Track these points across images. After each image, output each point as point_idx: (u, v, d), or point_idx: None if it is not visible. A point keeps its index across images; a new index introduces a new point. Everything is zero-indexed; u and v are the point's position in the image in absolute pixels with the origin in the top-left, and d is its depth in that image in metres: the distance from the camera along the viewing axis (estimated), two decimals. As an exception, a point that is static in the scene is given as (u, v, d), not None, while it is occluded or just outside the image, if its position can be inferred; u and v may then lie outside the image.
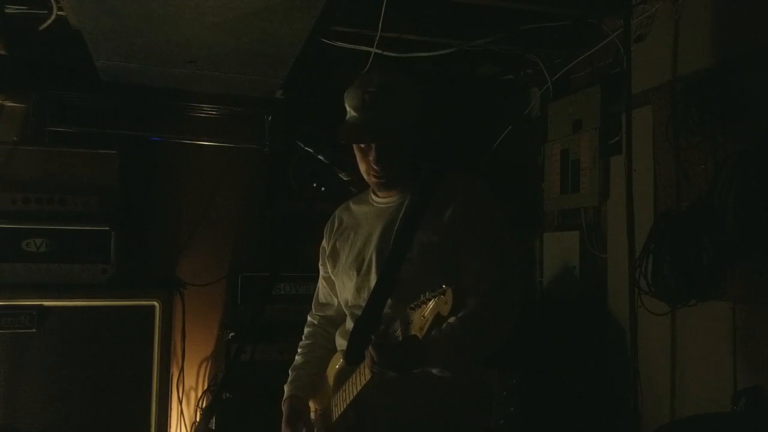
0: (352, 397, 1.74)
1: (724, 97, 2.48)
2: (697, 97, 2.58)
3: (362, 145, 1.82)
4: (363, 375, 1.69)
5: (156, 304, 3.15)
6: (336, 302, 2.06)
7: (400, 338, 1.57)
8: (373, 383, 1.67)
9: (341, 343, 1.93)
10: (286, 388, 2.01)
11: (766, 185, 2.29)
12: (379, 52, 3.20)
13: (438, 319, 1.47)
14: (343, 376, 1.84)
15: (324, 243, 2.06)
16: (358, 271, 1.88)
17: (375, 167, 1.81)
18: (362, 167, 1.87)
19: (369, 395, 1.73)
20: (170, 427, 3.38)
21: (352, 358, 1.79)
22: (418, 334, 1.51)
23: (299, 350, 2.09)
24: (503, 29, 3.24)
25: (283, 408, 1.97)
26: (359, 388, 1.71)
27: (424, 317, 1.49)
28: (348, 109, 1.83)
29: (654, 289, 2.62)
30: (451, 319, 1.60)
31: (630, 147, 2.94)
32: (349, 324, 1.91)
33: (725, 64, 2.51)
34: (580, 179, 3.33)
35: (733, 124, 2.47)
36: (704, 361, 2.61)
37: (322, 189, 1.76)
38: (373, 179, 1.87)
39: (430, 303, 1.48)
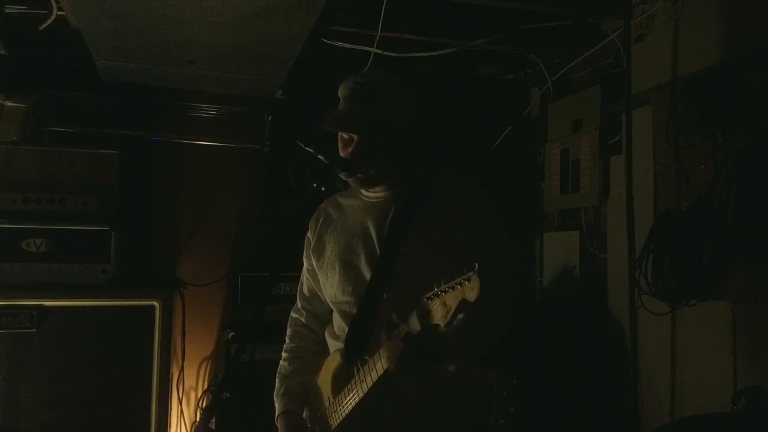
0: (360, 397, 1.72)
1: (724, 97, 2.48)
2: (697, 97, 2.58)
3: (345, 136, 1.81)
4: (372, 372, 1.67)
5: (156, 304, 3.15)
6: (319, 297, 2.02)
7: (418, 329, 1.54)
8: (386, 378, 1.63)
9: (333, 344, 1.91)
10: (277, 401, 1.98)
11: (766, 185, 2.29)
12: (379, 52, 3.20)
13: (462, 305, 1.43)
14: (342, 377, 1.82)
15: (309, 235, 2.02)
16: (346, 264, 1.85)
17: (348, 157, 1.79)
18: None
19: (372, 397, 1.72)
20: (170, 427, 3.38)
21: (352, 356, 1.77)
22: (441, 323, 1.48)
23: (285, 354, 2.05)
24: (503, 29, 3.24)
25: (278, 425, 1.94)
26: (369, 385, 1.68)
27: (446, 305, 1.46)
28: (340, 97, 1.83)
29: (654, 289, 2.62)
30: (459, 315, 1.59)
31: (630, 147, 2.95)
32: (338, 322, 1.89)
33: (725, 64, 2.51)
34: (580, 179, 3.33)
35: (733, 124, 2.47)
36: (704, 361, 2.61)
37: (322, 189, 1.75)
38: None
39: (452, 291, 1.44)
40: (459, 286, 1.43)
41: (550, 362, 3.09)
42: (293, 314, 2.11)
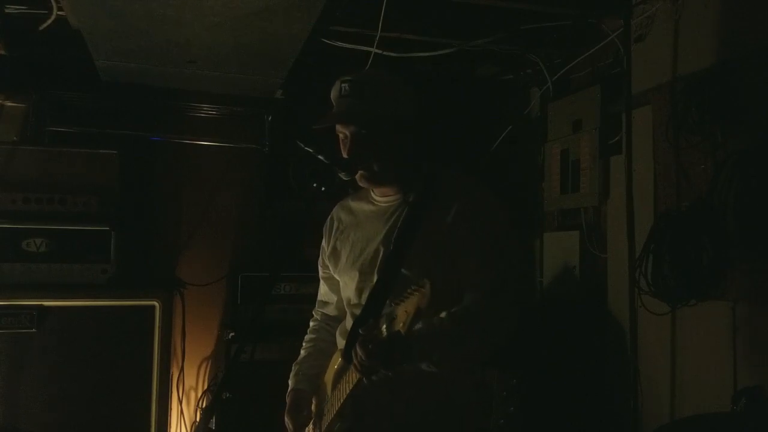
0: (345, 395, 1.74)
1: (724, 97, 2.48)
2: (697, 97, 2.58)
3: (341, 136, 1.82)
4: (353, 374, 1.69)
5: (156, 304, 3.15)
6: (335, 300, 2.06)
7: (385, 334, 1.56)
8: (364, 380, 1.66)
9: (341, 342, 1.93)
10: (290, 381, 2.03)
11: (766, 185, 2.29)
12: (379, 52, 3.20)
13: (418, 312, 1.45)
14: (340, 375, 1.84)
15: (324, 243, 2.05)
16: (360, 271, 1.87)
17: (347, 156, 1.80)
18: None
19: (366, 395, 1.73)
20: (170, 427, 3.38)
21: (349, 355, 1.78)
22: (401, 330, 1.49)
23: (303, 345, 2.10)
24: (503, 29, 3.24)
25: (287, 400, 1.98)
26: (351, 385, 1.71)
27: (406, 312, 1.48)
28: (332, 101, 1.84)
29: (654, 289, 2.62)
30: (443, 314, 1.63)
31: (630, 147, 2.95)
32: (348, 322, 1.91)
33: (725, 64, 2.51)
34: (580, 179, 3.33)
35: (733, 124, 2.47)
36: (704, 361, 2.61)
37: (322, 189, 1.75)
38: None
39: (411, 297, 1.47)
40: (416, 293, 1.45)
41: (550, 362, 3.09)
42: (314, 314, 2.16)
